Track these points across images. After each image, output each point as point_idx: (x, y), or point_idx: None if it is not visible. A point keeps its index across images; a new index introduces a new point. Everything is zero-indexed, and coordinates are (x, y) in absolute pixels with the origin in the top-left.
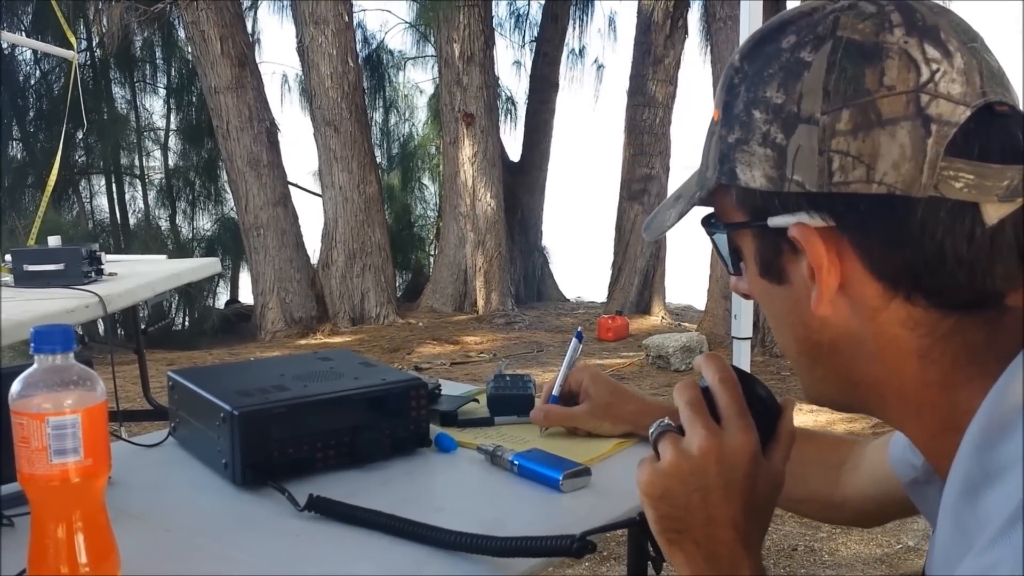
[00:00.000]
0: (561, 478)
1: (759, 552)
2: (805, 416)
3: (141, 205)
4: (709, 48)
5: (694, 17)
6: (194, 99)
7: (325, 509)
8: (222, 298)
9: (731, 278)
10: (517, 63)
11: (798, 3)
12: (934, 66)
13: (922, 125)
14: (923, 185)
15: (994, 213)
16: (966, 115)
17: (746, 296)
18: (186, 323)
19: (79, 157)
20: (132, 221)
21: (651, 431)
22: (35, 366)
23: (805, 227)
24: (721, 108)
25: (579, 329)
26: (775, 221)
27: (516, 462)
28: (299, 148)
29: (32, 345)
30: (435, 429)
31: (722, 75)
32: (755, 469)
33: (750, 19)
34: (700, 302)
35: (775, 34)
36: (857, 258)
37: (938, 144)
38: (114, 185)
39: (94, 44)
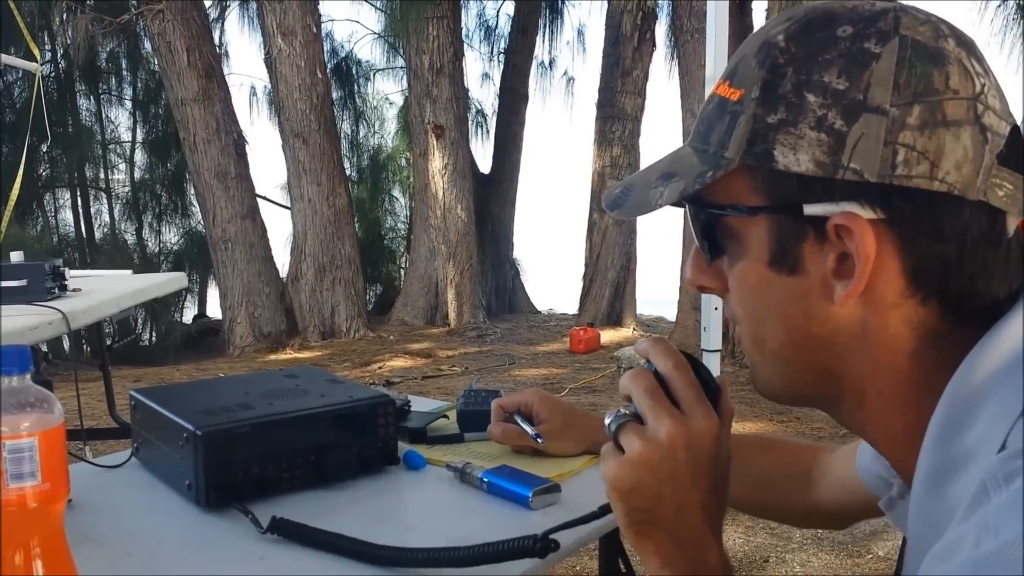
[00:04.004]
0: (531, 495)
1: (721, 533)
2: (773, 427)
3: (107, 219)
4: (676, 61)
5: (661, 30)
6: (161, 111)
7: (287, 531)
8: (190, 313)
9: (690, 269)
10: (486, 75)
11: (764, 13)
12: (981, 80)
13: (980, 132)
14: (976, 189)
15: (1012, 224)
16: (1007, 129)
17: (704, 289)
18: (153, 338)
19: (43, 170)
20: (98, 235)
21: (608, 422)
22: None
23: (854, 217)
24: (759, 87)
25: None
26: (813, 209)
27: (485, 479)
28: (267, 160)
29: None
30: (404, 446)
31: (753, 54)
32: (718, 450)
33: (716, 32)
34: (671, 313)
35: (824, 22)
36: (895, 253)
37: (992, 152)
38: (79, 199)
39: (59, 55)
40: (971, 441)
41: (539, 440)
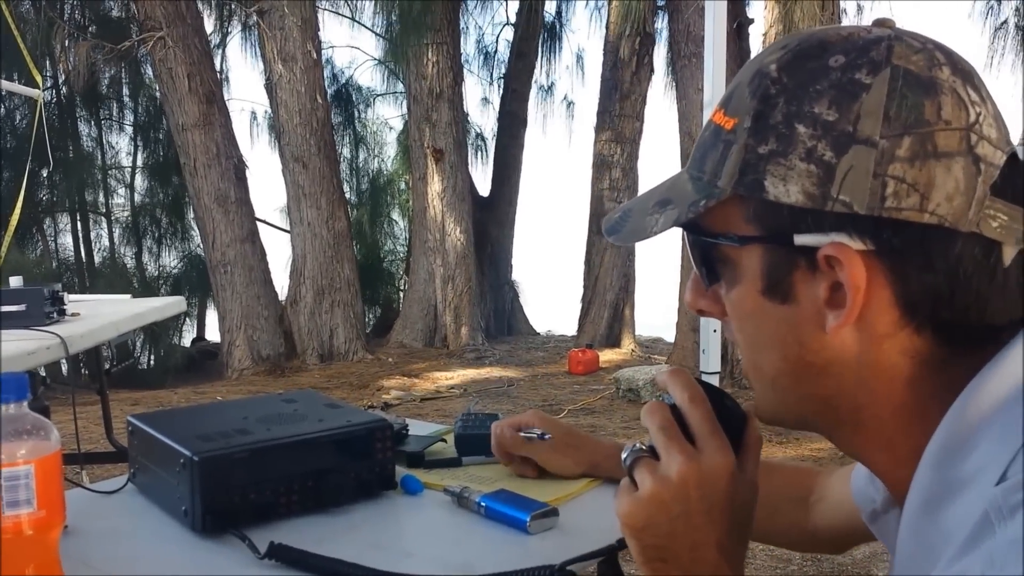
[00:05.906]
0: (529, 519)
1: (742, 568)
2: (774, 449)
3: (106, 243)
4: (674, 85)
5: (659, 54)
6: (161, 136)
7: (285, 557)
8: (188, 336)
9: (689, 293)
10: (486, 99)
11: (761, 38)
12: (977, 108)
13: (973, 163)
14: (969, 221)
15: (1009, 254)
16: (1003, 159)
17: (703, 312)
18: (151, 362)
19: (43, 195)
20: (97, 259)
21: (624, 456)
22: None
23: (844, 248)
24: (751, 117)
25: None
26: (803, 239)
27: (483, 503)
28: (267, 184)
29: None
30: (401, 470)
31: (747, 83)
32: (734, 487)
33: (713, 57)
34: (669, 335)
35: (817, 51)
36: (886, 284)
37: (985, 183)
38: (79, 223)
39: (60, 82)
40: (969, 468)
41: (546, 437)
